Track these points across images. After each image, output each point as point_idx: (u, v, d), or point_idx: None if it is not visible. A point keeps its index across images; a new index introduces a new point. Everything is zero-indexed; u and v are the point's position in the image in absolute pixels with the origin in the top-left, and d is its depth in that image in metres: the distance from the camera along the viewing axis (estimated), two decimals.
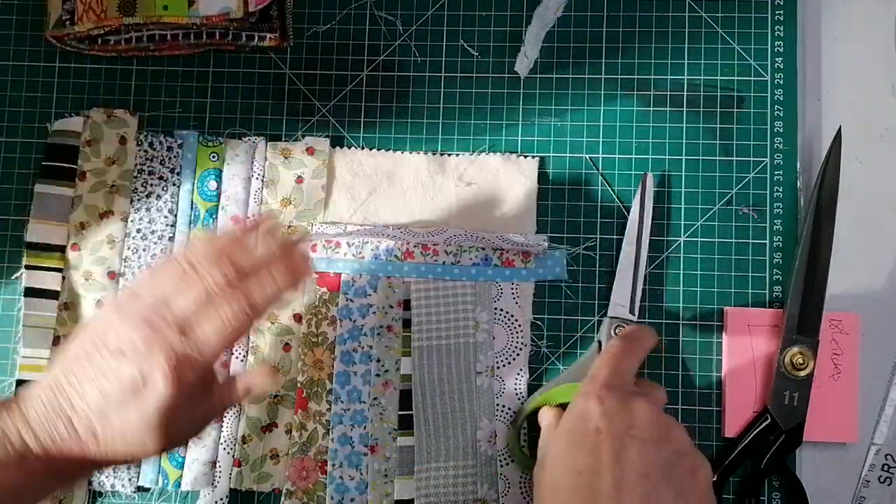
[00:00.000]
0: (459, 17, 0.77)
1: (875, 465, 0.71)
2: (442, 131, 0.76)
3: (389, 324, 0.73)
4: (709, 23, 0.75)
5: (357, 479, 0.71)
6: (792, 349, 0.68)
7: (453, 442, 0.70)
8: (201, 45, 0.77)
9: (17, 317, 0.75)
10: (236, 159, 0.75)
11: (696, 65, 0.75)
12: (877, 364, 0.72)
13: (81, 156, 0.76)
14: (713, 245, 0.73)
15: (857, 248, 0.73)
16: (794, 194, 0.73)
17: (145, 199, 0.76)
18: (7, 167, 0.78)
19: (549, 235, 0.73)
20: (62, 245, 0.75)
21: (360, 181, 0.75)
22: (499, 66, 0.77)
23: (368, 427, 0.72)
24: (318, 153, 0.75)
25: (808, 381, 0.68)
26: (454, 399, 0.71)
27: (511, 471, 0.70)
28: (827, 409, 0.70)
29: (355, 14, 0.78)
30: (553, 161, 0.75)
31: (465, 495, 0.70)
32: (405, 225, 0.74)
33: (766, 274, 0.72)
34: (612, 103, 0.75)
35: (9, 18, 0.80)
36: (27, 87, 0.79)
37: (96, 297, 0.74)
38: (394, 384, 0.72)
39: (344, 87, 0.77)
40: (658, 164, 0.74)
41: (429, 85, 0.77)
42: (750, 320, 0.71)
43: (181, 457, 0.72)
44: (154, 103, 0.78)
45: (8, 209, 0.77)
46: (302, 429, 0.72)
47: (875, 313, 0.72)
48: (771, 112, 0.74)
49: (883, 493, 0.70)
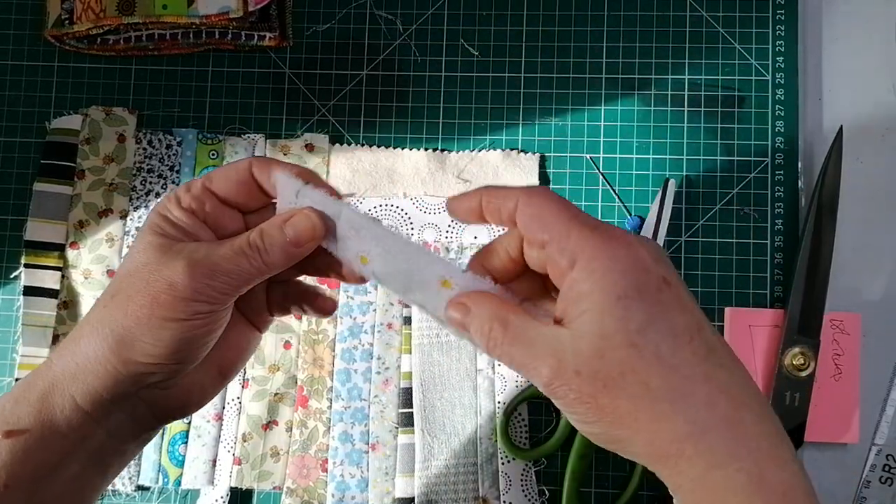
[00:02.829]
0: (459, 17, 0.77)
1: (876, 466, 0.71)
2: (442, 131, 0.76)
3: (390, 321, 0.73)
4: (710, 22, 0.75)
5: (358, 476, 0.71)
6: (793, 349, 0.68)
7: (454, 439, 0.70)
8: (201, 45, 0.77)
9: (16, 316, 0.75)
10: (236, 157, 0.75)
11: (697, 64, 0.75)
12: (878, 364, 0.71)
13: (80, 154, 0.76)
14: (714, 245, 0.73)
15: (859, 248, 0.73)
16: (795, 194, 0.73)
17: (144, 197, 0.76)
18: (6, 166, 0.78)
19: None
20: (61, 243, 0.75)
21: (359, 178, 0.75)
22: (499, 66, 0.77)
23: (369, 425, 0.71)
24: (318, 150, 0.75)
25: (809, 381, 0.68)
26: (455, 396, 0.71)
27: (512, 468, 0.70)
28: (828, 410, 0.69)
29: (355, 14, 0.78)
30: (553, 161, 0.75)
31: (467, 493, 0.69)
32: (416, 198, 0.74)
33: (766, 274, 0.72)
34: (612, 103, 0.75)
35: (8, 18, 0.80)
36: (26, 86, 0.79)
37: (95, 295, 0.74)
38: (394, 382, 0.72)
39: (344, 87, 0.77)
40: (658, 164, 0.74)
41: (429, 85, 0.77)
42: (750, 320, 0.71)
43: (181, 455, 0.72)
44: (153, 103, 0.78)
45: (7, 208, 0.77)
46: (302, 426, 0.72)
47: (876, 314, 0.72)
48: (772, 112, 0.74)
49: (884, 493, 0.70)
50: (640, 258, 0.42)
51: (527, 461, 0.70)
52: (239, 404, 0.72)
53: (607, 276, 0.41)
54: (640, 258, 0.42)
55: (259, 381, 0.73)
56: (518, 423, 0.71)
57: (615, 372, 0.41)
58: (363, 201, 0.74)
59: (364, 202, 0.74)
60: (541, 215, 0.44)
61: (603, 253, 0.42)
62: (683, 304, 0.42)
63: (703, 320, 0.43)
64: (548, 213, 0.44)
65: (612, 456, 0.70)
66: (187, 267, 0.46)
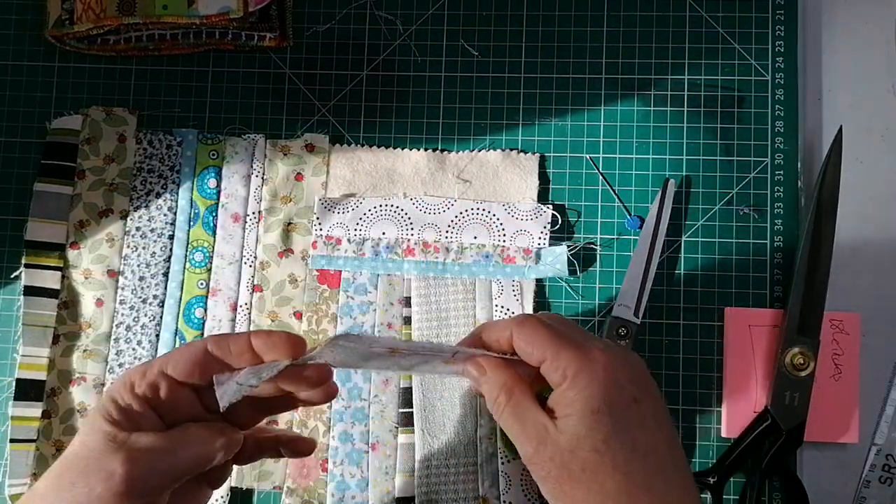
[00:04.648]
0: (459, 17, 0.77)
1: (876, 466, 0.71)
2: (442, 131, 0.76)
3: (390, 321, 0.73)
4: (709, 22, 0.75)
5: (358, 476, 0.71)
6: (792, 349, 0.68)
7: (454, 439, 0.70)
8: (201, 45, 0.77)
9: (17, 316, 0.75)
10: (236, 157, 0.75)
11: (697, 65, 0.75)
12: (877, 364, 0.72)
13: (80, 154, 0.76)
14: (713, 245, 0.73)
15: (858, 248, 0.73)
16: (795, 194, 0.73)
17: (145, 197, 0.76)
18: (6, 166, 0.78)
19: (550, 235, 0.73)
20: (61, 243, 0.75)
21: (359, 178, 0.75)
22: (499, 66, 0.77)
23: (369, 424, 0.71)
24: (318, 150, 0.75)
25: (808, 381, 0.68)
26: (455, 396, 0.71)
27: (512, 468, 0.70)
28: (827, 410, 0.69)
29: (355, 14, 0.78)
30: (553, 161, 0.75)
31: (466, 493, 0.69)
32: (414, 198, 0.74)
33: (766, 274, 0.72)
34: (612, 103, 0.75)
35: (8, 18, 0.80)
36: (26, 86, 0.79)
37: (96, 295, 0.74)
38: (394, 382, 0.72)
39: (344, 87, 0.77)
40: (658, 164, 0.74)
41: (429, 85, 0.77)
42: (750, 320, 0.71)
43: None
44: (154, 103, 0.78)
45: (7, 208, 0.77)
46: (303, 426, 0.72)
47: (876, 313, 0.72)
48: (771, 112, 0.74)
49: (883, 493, 0.70)
50: (616, 379, 0.52)
51: None
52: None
53: (587, 391, 0.51)
54: (616, 379, 0.52)
55: None
56: None
57: (579, 468, 0.51)
58: (363, 201, 0.74)
59: (364, 202, 0.74)
60: (533, 342, 0.54)
61: (585, 373, 0.52)
62: (646, 423, 0.52)
63: (660, 440, 0.52)
64: (539, 339, 0.54)
65: None
66: (125, 462, 0.49)
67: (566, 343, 0.53)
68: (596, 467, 0.50)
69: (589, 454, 0.51)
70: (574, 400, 0.51)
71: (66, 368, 0.74)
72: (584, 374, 0.52)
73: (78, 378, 0.74)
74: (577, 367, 0.52)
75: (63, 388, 0.74)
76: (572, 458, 0.51)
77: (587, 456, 0.51)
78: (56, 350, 0.74)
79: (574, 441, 0.51)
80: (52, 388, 0.74)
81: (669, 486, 0.51)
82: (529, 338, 0.54)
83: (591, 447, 0.51)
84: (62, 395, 0.73)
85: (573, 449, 0.51)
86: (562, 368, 0.52)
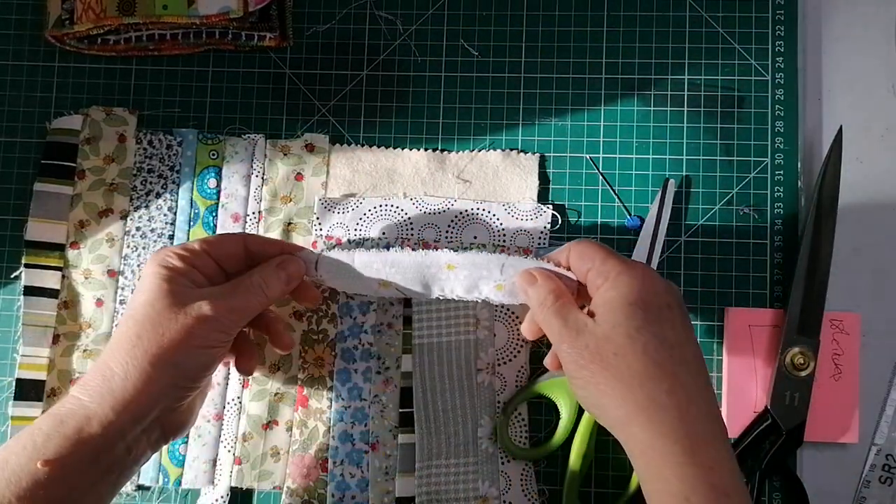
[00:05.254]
0: (459, 17, 0.77)
1: (876, 466, 0.71)
2: (442, 131, 0.76)
3: (390, 321, 0.73)
4: (709, 23, 0.75)
5: (358, 476, 0.71)
6: (793, 349, 0.68)
7: (454, 439, 0.70)
8: (201, 45, 0.77)
9: (17, 315, 0.75)
10: (236, 157, 0.75)
11: (697, 65, 0.75)
12: (877, 364, 0.72)
13: (80, 154, 0.76)
14: (714, 245, 0.73)
15: (859, 248, 0.73)
16: (795, 194, 0.73)
17: (145, 197, 0.76)
18: (6, 166, 0.78)
19: (550, 235, 0.73)
20: (61, 243, 0.75)
21: (359, 178, 0.75)
22: (499, 66, 0.77)
23: (369, 424, 0.71)
24: (318, 150, 0.75)
25: (808, 381, 0.68)
26: (455, 396, 0.71)
27: (512, 468, 0.70)
28: (828, 410, 0.70)
29: (355, 14, 0.78)
30: (553, 161, 0.75)
31: (467, 493, 0.69)
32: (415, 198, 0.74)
33: (766, 274, 0.72)
34: (612, 103, 0.75)
35: (8, 18, 0.80)
36: (26, 86, 0.79)
37: (96, 295, 0.74)
38: (394, 381, 0.72)
39: (344, 87, 0.77)
40: (658, 164, 0.74)
41: (429, 85, 0.77)
42: (750, 320, 0.71)
43: (182, 455, 0.72)
44: (154, 103, 0.78)
45: (7, 208, 0.77)
46: (303, 426, 0.72)
47: (876, 313, 0.72)
48: (771, 112, 0.74)
49: (883, 493, 0.70)
50: (654, 285, 0.59)
51: (527, 461, 0.71)
52: (239, 404, 0.73)
53: (626, 288, 0.58)
54: (654, 285, 0.59)
55: (259, 380, 0.73)
56: (518, 423, 0.71)
57: (611, 352, 0.57)
58: (363, 201, 0.74)
59: (364, 202, 0.74)
60: (585, 254, 0.62)
61: (627, 275, 0.59)
62: (675, 324, 0.58)
63: (686, 340, 0.58)
64: (591, 251, 0.62)
65: (612, 456, 0.71)
66: (211, 304, 0.60)
67: (613, 255, 0.61)
68: (626, 351, 0.57)
69: (622, 339, 0.57)
70: (613, 297, 0.59)
71: (66, 368, 0.74)
72: (624, 276, 0.59)
73: (78, 378, 0.74)
74: (618, 270, 0.59)
75: (63, 388, 0.74)
76: (606, 343, 0.58)
77: (621, 341, 0.57)
78: (56, 350, 0.74)
79: (610, 328, 0.58)
80: (52, 388, 0.74)
81: (691, 377, 0.57)
82: (584, 251, 0.62)
83: (624, 333, 0.57)
84: (62, 396, 0.73)
85: (608, 336, 0.58)
86: (605, 272, 0.60)
